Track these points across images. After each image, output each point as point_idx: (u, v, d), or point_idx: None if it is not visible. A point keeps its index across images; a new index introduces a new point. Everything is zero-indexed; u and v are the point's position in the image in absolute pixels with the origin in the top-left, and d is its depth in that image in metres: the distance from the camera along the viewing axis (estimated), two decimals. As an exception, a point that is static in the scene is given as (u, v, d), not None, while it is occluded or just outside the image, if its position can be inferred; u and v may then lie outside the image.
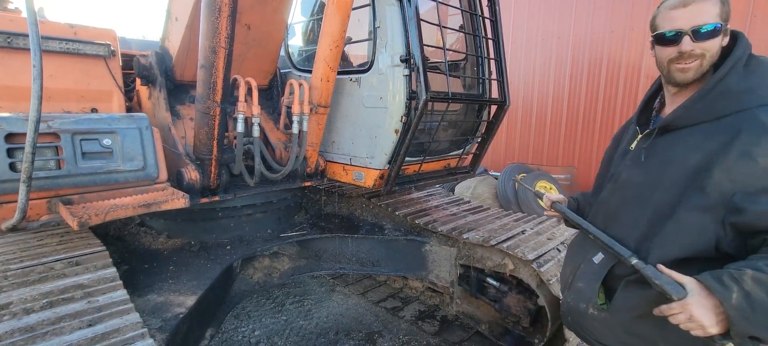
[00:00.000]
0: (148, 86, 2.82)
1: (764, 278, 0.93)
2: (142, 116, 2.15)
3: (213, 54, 1.99)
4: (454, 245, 2.93)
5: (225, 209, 2.99)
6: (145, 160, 2.13)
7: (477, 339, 3.07)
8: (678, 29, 1.10)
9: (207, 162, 2.44)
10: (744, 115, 1.04)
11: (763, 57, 1.11)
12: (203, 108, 2.19)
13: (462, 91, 3.17)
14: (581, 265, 1.35)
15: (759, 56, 1.11)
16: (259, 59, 2.87)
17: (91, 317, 1.65)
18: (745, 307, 0.93)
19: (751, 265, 0.96)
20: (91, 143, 1.99)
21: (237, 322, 3.31)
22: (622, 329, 1.23)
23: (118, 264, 2.53)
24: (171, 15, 2.59)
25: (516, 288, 2.76)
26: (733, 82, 1.07)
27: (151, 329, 1.89)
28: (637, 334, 1.21)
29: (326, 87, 2.63)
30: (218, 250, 2.85)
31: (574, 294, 1.36)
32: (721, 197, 1.03)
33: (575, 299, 1.34)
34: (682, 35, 1.10)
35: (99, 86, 2.53)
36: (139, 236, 2.98)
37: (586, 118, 6.57)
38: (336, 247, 3.25)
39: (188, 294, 2.24)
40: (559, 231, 2.95)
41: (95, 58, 2.50)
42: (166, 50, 2.75)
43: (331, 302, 3.68)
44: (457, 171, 3.33)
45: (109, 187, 2.09)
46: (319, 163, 3.08)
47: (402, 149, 2.61)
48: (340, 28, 2.41)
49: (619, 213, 1.27)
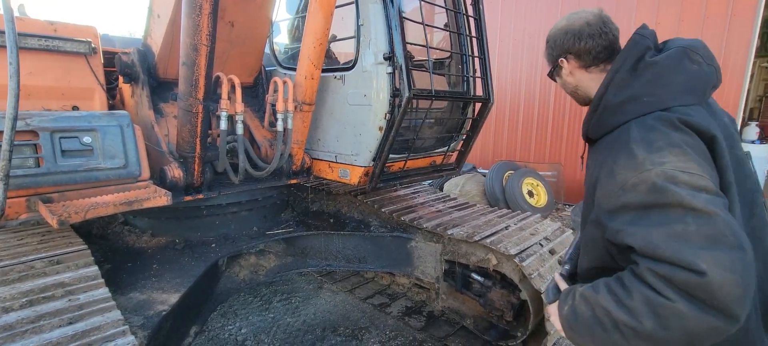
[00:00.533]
0: (131, 84, 2.80)
1: (590, 296, 0.96)
2: (124, 114, 2.14)
3: (194, 52, 1.99)
4: (439, 241, 2.96)
5: (210, 206, 2.99)
6: (126, 158, 2.13)
7: (462, 334, 3.11)
8: None
9: (190, 160, 2.44)
10: (623, 128, 1.01)
11: (658, 57, 1.02)
12: (186, 106, 2.19)
13: (447, 88, 3.20)
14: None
15: (653, 58, 1.02)
16: (243, 57, 2.86)
17: (71, 315, 1.65)
18: (570, 318, 1.02)
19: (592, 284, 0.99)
20: (70, 141, 1.98)
21: (224, 320, 3.31)
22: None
23: (100, 263, 2.51)
24: (153, 12, 2.57)
25: (500, 283, 2.81)
26: (610, 96, 1.05)
27: (133, 326, 1.89)
28: None
29: (311, 85, 2.64)
30: (203, 248, 2.85)
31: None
32: (599, 212, 1.02)
33: None
34: None
35: (80, 84, 2.50)
36: (123, 234, 2.96)
37: (572, 116, 6.66)
38: (322, 244, 3.27)
39: (172, 292, 2.24)
40: (542, 227, 3.00)
41: (76, 55, 2.48)
42: (148, 47, 2.73)
43: (319, 299, 3.70)
44: (442, 168, 3.37)
45: (89, 185, 2.08)
46: (305, 160, 3.09)
47: (386, 146, 2.64)
48: (323, 26, 2.42)
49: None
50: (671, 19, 5.54)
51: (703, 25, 5.31)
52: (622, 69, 1.04)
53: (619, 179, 0.93)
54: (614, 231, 0.94)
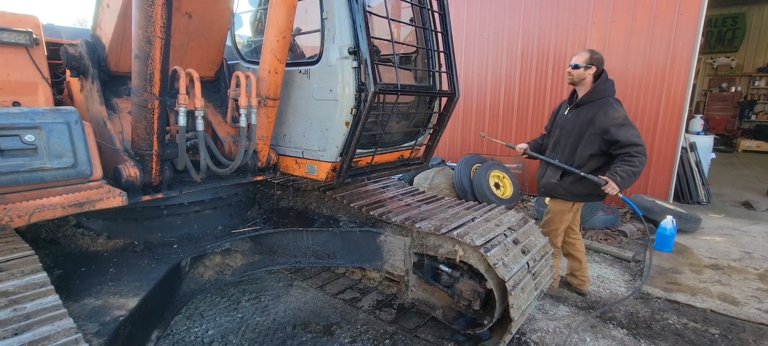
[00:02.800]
0: (80, 78, 2.63)
1: (625, 168, 2.95)
2: (71, 110, 2.01)
3: (148, 44, 1.90)
4: (408, 235, 2.99)
5: (170, 206, 2.87)
6: (75, 157, 2.00)
7: (432, 324, 3.17)
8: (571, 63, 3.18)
9: (147, 158, 2.33)
10: (602, 101, 3.08)
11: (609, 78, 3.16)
12: (140, 101, 2.08)
13: (413, 83, 3.23)
14: (547, 171, 3.39)
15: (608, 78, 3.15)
16: (203, 50, 2.75)
17: (16, 325, 1.54)
18: (621, 181, 2.95)
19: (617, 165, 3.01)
20: (10, 140, 1.83)
21: (189, 322, 3.21)
22: (564, 188, 3.29)
23: (50, 268, 2.37)
24: (102, 1, 2.42)
25: (467, 273, 2.87)
26: (598, 89, 3.12)
27: (87, 333, 1.79)
28: (571, 190, 3.27)
29: (274, 79, 2.58)
30: (164, 249, 2.74)
31: (546, 179, 3.39)
32: (599, 129, 3.04)
33: (547, 180, 3.37)
34: (571, 65, 3.19)
35: (20, 78, 2.32)
36: (76, 238, 2.79)
37: (535, 109, 6.89)
38: (290, 241, 3.22)
39: (130, 296, 2.14)
40: (507, 218, 3.09)
41: (15, 46, 2.30)
42: (97, 39, 2.57)
43: (289, 296, 3.65)
44: (410, 162, 3.40)
45: (34, 186, 1.94)
46: (271, 157, 3.03)
47: (353, 141, 2.62)
48: (286, 19, 2.37)
49: (560, 141, 3.33)
50: (624, 18, 5.83)
51: (653, 24, 5.63)
52: (602, 78, 3.13)
53: (610, 115, 2.99)
54: (611, 134, 2.98)
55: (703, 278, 4.08)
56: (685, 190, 6.62)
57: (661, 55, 5.64)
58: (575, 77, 3.15)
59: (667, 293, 3.73)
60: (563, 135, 3.28)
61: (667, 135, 5.79)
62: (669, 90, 5.68)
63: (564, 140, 3.27)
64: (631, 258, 4.46)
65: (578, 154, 3.17)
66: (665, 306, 3.54)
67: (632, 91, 5.89)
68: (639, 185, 6.09)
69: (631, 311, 3.44)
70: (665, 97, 5.71)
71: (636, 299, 3.65)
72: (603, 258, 4.58)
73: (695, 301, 3.61)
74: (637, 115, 5.89)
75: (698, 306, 3.53)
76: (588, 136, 3.09)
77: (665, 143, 5.83)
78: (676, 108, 5.66)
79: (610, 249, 4.69)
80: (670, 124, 5.75)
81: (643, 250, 4.74)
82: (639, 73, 5.83)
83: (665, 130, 5.80)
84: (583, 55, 3.10)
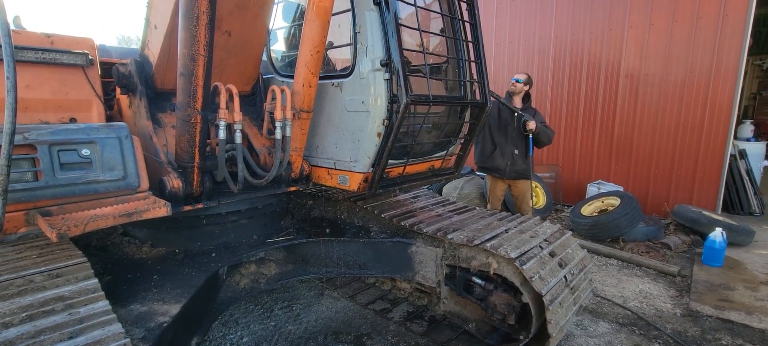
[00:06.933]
0: (129, 95, 2.80)
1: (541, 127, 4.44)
2: (122, 125, 2.14)
3: (192, 62, 2.00)
4: (440, 246, 2.96)
5: (209, 216, 2.98)
6: (125, 170, 2.12)
7: (464, 338, 3.10)
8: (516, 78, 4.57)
9: (189, 170, 2.44)
10: (532, 110, 4.56)
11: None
12: (184, 116, 2.19)
13: (444, 93, 3.22)
14: (513, 153, 4.52)
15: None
16: (241, 65, 2.87)
17: (71, 329, 1.63)
18: (540, 126, 4.39)
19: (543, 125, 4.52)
20: (69, 154, 1.97)
21: (225, 329, 3.29)
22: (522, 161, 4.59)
23: (100, 275, 2.49)
24: (150, 23, 2.57)
25: (501, 286, 2.80)
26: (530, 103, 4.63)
27: (134, 338, 1.88)
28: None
29: (308, 92, 2.64)
30: (203, 257, 2.84)
31: (513, 165, 4.54)
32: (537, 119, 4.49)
33: (513, 164, 4.54)
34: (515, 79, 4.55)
35: (77, 96, 2.50)
36: (123, 245, 2.95)
37: (568, 118, 6.69)
38: (323, 251, 3.26)
39: (172, 303, 2.22)
40: (542, 229, 3.00)
41: (73, 67, 2.48)
42: (145, 58, 2.73)
43: (321, 305, 3.69)
44: (441, 172, 3.37)
45: (88, 197, 2.07)
46: (304, 167, 3.09)
47: (385, 152, 2.64)
48: (320, 34, 2.43)
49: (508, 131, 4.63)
50: (664, 21, 5.59)
51: (695, 25, 5.36)
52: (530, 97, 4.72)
53: (539, 116, 4.52)
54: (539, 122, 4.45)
55: (759, 295, 3.79)
56: (736, 200, 6.20)
57: (706, 59, 5.35)
58: (517, 89, 4.47)
59: (719, 312, 3.49)
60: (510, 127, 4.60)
61: (714, 142, 5.46)
62: (715, 95, 5.37)
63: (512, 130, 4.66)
64: (676, 272, 4.21)
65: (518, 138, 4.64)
66: (717, 325, 3.31)
67: (674, 99, 5.62)
68: (684, 195, 5.76)
69: (678, 330, 3.24)
70: (710, 103, 5.40)
71: (684, 317, 3.43)
72: (645, 272, 4.35)
73: (751, 320, 3.35)
74: (678, 122, 5.60)
75: (755, 326, 3.27)
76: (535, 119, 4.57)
77: (712, 151, 5.50)
78: (723, 114, 5.34)
79: (653, 263, 4.44)
80: (716, 131, 5.42)
81: (689, 264, 4.46)
82: (681, 79, 5.55)
83: (711, 137, 5.47)
84: (523, 75, 4.49)
